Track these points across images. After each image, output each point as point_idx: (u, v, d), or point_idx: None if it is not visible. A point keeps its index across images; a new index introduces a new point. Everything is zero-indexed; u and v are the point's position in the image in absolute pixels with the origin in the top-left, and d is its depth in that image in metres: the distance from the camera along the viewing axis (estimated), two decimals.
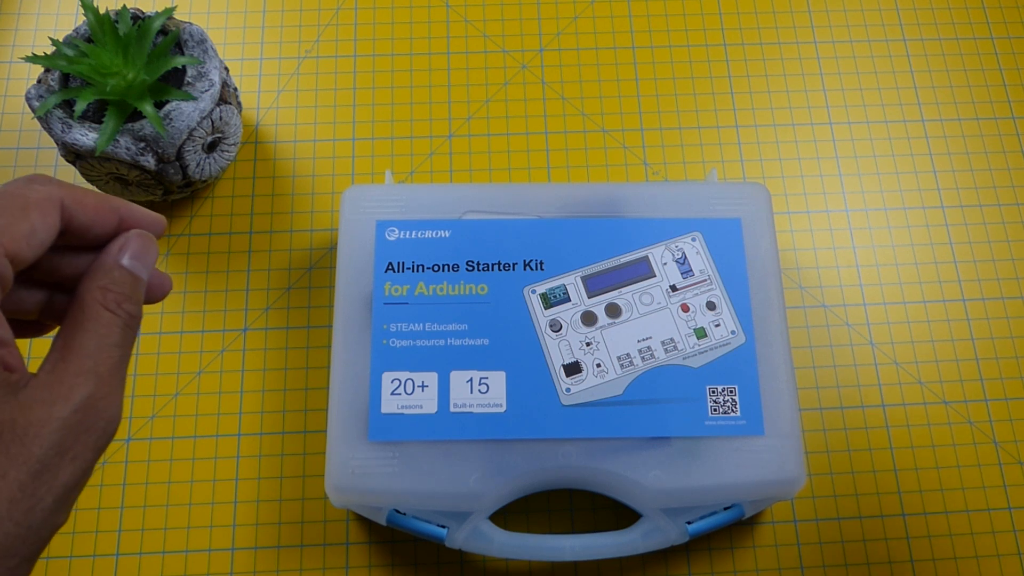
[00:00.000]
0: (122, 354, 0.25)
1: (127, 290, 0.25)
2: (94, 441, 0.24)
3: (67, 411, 0.23)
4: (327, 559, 0.45)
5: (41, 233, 0.24)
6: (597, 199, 0.46)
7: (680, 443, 0.41)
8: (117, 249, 0.26)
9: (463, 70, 0.56)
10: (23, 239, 0.23)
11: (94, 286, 0.25)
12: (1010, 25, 0.58)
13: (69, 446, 0.23)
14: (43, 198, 0.24)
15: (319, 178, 0.53)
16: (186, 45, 0.46)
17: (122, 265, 0.26)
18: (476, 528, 0.41)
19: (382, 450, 0.41)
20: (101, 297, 0.25)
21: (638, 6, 0.58)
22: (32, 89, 0.45)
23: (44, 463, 0.23)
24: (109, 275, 0.25)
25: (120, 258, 0.26)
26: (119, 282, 0.25)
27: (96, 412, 0.24)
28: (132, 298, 0.25)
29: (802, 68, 0.56)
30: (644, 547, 0.41)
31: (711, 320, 0.43)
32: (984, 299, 0.51)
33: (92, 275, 0.25)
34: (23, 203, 0.24)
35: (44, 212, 0.24)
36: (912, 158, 0.54)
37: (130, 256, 0.26)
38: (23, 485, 0.22)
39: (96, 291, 0.25)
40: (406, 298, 0.43)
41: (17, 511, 0.22)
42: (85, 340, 0.24)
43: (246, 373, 0.48)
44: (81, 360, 0.24)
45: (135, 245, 0.26)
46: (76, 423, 0.23)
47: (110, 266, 0.25)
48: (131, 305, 0.25)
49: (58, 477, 0.23)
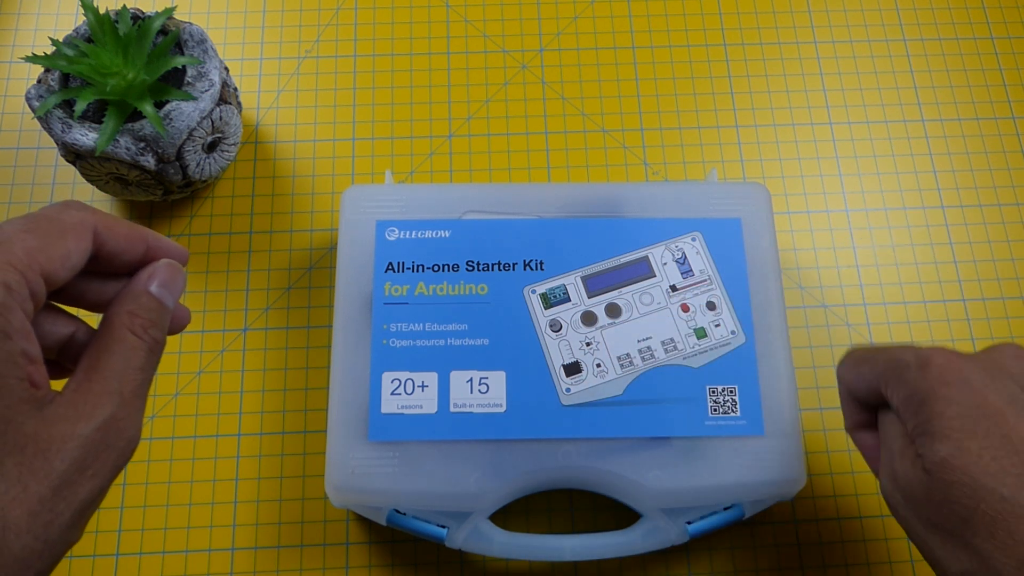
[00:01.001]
0: (145, 378, 0.26)
1: (154, 316, 0.26)
2: (113, 460, 0.24)
3: (89, 429, 0.24)
4: (327, 559, 0.45)
5: (75, 256, 0.25)
6: (597, 199, 0.46)
7: (680, 443, 0.41)
8: (146, 277, 0.27)
9: (463, 70, 0.56)
10: (58, 261, 0.24)
11: (123, 310, 0.26)
12: (1010, 25, 0.58)
13: (89, 463, 0.24)
14: (78, 223, 0.25)
15: (319, 178, 0.53)
16: (186, 45, 0.46)
17: (150, 292, 0.27)
18: (476, 528, 0.41)
19: (382, 450, 0.41)
20: (128, 321, 0.26)
21: (638, 6, 0.58)
22: (32, 89, 0.45)
23: (65, 478, 0.23)
24: (137, 301, 0.26)
25: (149, 285, 0.27)
26: (146, 308, 0.26)
27: (117, 432, 0.24)
28: (158, 324, 0.26)
29: (802, 68, 0.56)
30: (644, 547, 0.41)
31: (711, 320, 0.43)
32: (984, 299, 0.51)
33: (121, 300, 0.26)
34: (60, 227, 0.25)
35: (79, 236, 0.25)
36: (912, 158, 0.54)
37: (158, 284, 0.27)
38: (44, 499, 0.23)
39: (124, 315, 0.26)
40: (406, 298, 0.43)
41: (37, 524, 0.22)
42: (111, 362, 0.25)
43: (246, 373, 0.48)
44: (106, 381, 0.24)
45: (164, 274, 0.27)
46: (97, 441, 0.24)
47: (139, 292, 0.26)
48: (156, 331, 0.26)
49: (77, 493, 0.23)
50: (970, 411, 0.29)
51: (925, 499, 0.30)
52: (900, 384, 0.32)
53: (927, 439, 0.30)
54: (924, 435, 0.30)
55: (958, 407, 0.30)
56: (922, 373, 0.31)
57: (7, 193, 0.52)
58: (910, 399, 0.31)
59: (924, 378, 0.31)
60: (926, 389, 0.30)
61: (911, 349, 0.33)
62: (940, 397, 0.30)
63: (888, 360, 0.33)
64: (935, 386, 0.30)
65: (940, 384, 0.30)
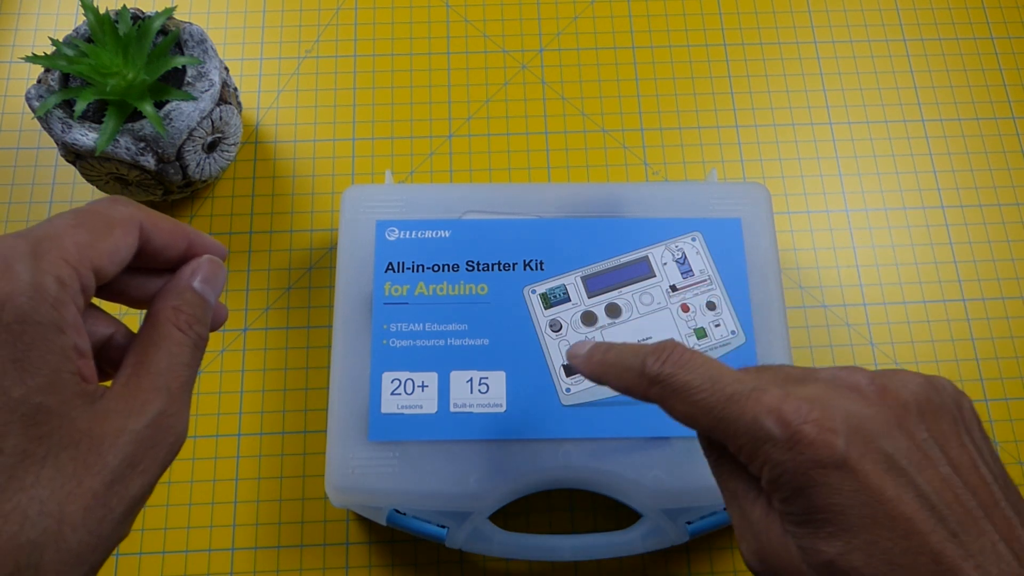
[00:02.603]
0: (191, 374, 0.26)
1: (197, 312, 0.27)
2: (163, 456, 0.25)
3: (141, 424, 0.24)
4: (327, 559, 0.45)
5: (123, 251, 0.25)
6: (597, 199, 0.46)
7: (680, 443, 0.41)
8: (190, 272, 0.27)
9: (463, 70, 0.56)
10: (107, 255, 0.25)
11: (167, 306, 0.26)
12: (1010, 25, 0.58)
13: (140, 459, 0.24)
14: (125, 218, 0.26)
15: (319, 178, 0.53)
16: (186, 45, 0.47)
17: (193, 288, 0.27)
18: (476, 528, 0.41)
19: (382, 450, 0.41)
20: (173, 317, 0.26)
21: (638, 6, 0.58)
22: (32, 89, 0.45)
23: (117, 474, 0.23)
24: (181, 296, 0.26)
25: (192, 281, 0.27)
26: (190, 303, 0.26)
27: (166, 427, 0.25)
28: (201, 320, 0.27)
29: (802, 68, 0.56)
30: (644, 547, 0.41)
31: (711, 320, 0.43)
32: (984, 299, 0.51)
33: (165, 296, 0.26)
34: (108, 221, 0.25)
35: (126, 231, 0.25)
36: (912, 158, 0.54)
37: (201, 280, 0.27)
38: (97, 494, 0.23)
39: (169, 311, 0.26)
40: (406, 298, 0.43)
41: (91, 520, 0.23)
42: (158, 357, 0.25)
43: (246, 373, 0.48)
44: (154, 376, 0.25)
45: (206, 270, 0.27)
46: (148, 437, 0.24)
47: (183, 288, 0.27)
48: (200, 326, 0.26)
49: (129, 489, 0.24)
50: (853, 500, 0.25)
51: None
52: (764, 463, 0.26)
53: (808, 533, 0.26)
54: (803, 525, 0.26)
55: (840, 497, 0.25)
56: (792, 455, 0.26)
57: (7, 193, 0.52)
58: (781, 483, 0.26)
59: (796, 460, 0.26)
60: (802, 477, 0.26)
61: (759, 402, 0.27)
62: (820, 485, 0.25)
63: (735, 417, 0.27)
64: (812, 473, 0.25)
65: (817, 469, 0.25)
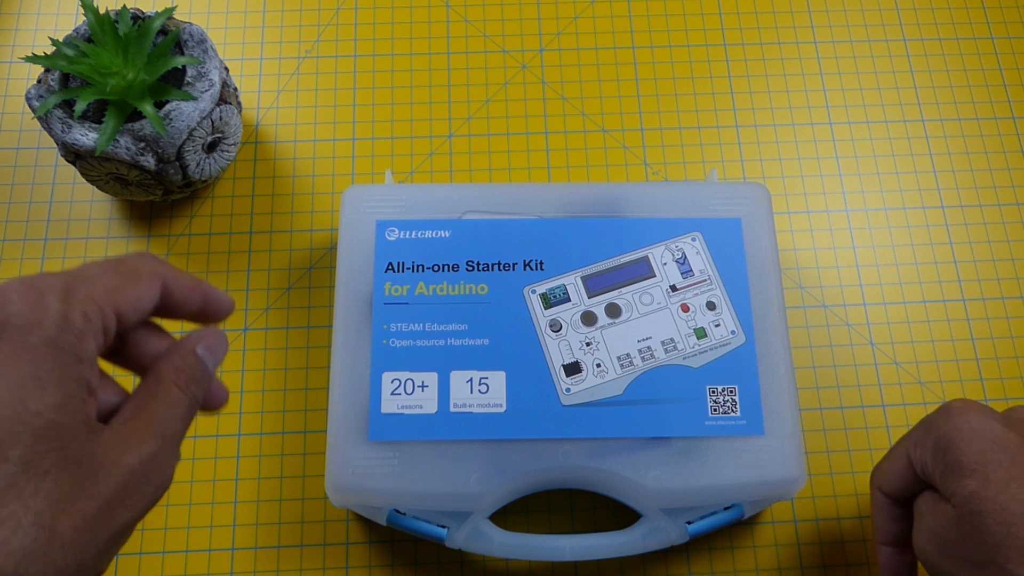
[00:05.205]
0: (182, 428, 0.28)
1: (197, 374, 0.29)
2: (149, 495, 0.26)
3: (135, 460, 0.25)
4: (327, 559, 0.45)
5: (145, 301, 0.28)
6: (597, 199, 0.46)
7: (680, 443, 0.41)
8: (195, 339, 0.29)
9: (463, 70, 0.56)
10: (131, 302, 0.27)
11: (170, 365, 0.28)
12: (1010, 25, 0.58)
13: (130, 493, 0.25)
14: (152, 272, 0.28)
15: (319, 178, 0.53)
16: (186, 45, 0.46)
17: (196, 353, 0.29)
18: (476, 528, 0.41)
19: (382, 450, 0.41)
20: (175, 375, 0.28)
21: (638, 6, 0.58)
22: (32, 89, 0.45)
23: (108, 502, 0.24)
24: (184, 359, 0.29)
25: (196, 346, 0.29)
26: (192, 366, 0.29)
27: (157, 469, 0.26)
28: (199, 382, 0.29)
29: (802, 68, 0.56)
30: (644, 547, 0.41)
31: (711, 320, 0.43)
32: (984, 299, 0.51)
33: (170, 356, 0.29)
34: (136, 272, 0.27)
35: (151, 284, 0.28)
36: (912, 158, 0.54)
37: (204, 347, 0.29)
38: (88, 517, 0.24)
39: (171, 370, 0.28)
40: (406, 298, 0.43)
41: (79, 541, 0.24)
42: (156, 407, 0.27)
43: (246, 373, 0.48)
44: (151, 422, 0.26)
45: (210, 339, 0.30)
46: (140, 473, 0.25)
47: (187, 351, 0.29)
48: (196, 388, 0.29)
49: (116, 519, 0.25)
50: (992, 445, 0.32)
51: (957, 537, 0.32)
52: (927, 434, 0.35)
53: (955, 477, 0.32)
54: (952, 474, 0.33)
55: (980, 442, 0.32)
56: (944, 418, 0.34)
57: (7, 193, 0.52)
58: (938, 444, 0.34)
59: (946, 421, 0.34)
60: (949, 431, 0.33)
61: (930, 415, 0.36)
62: (963, 435, 0.33)
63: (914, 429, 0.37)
64: (958, 425, 0.33)
65: (962, 423, 0.33)
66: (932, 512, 0.34)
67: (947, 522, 0.32)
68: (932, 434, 0.34)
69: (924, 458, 0.35)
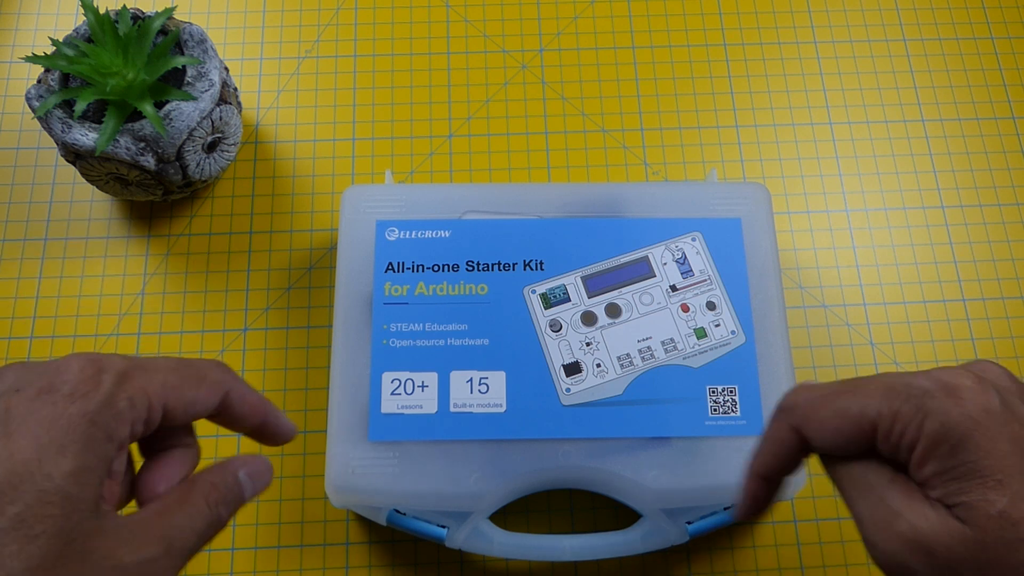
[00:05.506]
0: (197, 544, 0.27)
1: (230, 496, 0.28)
2: None
3: (131, 559, 0.25)
4: (327, 559, 0.45)
5: (199, 405, 0.28)
6: (597, 199, 0.46)
7: (680, 443, 0.41)
8: (241, 462, 0.29)
9: (463, 70, 0.56)
10: (184, 403, 0.27)
11: (207, 480, 0.28)
12: (1010, 25, 0.58)
13: None
14: (216, 381, 0.28)
15: (319, 178, 0.53)
16: (186, 45, 0.46)
17: (237, 476, 0.29)
18: (476, 528, 0.41)
19: (382, 450, 0.41)
20: (207, 490, 0.27)
21: (638, 6, 0.58)
22: (32, 89, 0.45)
23: None
24: (224, 478, 0.28)
25: (240, 470, 0.29)
26: (228, 486, 0.28)
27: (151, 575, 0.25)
28: (229, 505, 0.28)
29: (802, 68, 0.56)
30: (644, 547, 0.41)
31: (711, 320, 0.43)
32: (984, 299, 0.51)
33: (210, 470, 0.28)
34: (200, 377, 0.28)
35: (211, 392, 0.28)
36: (912, 158, 0.54)
37: (246, 472, 0.29)
38: None
39: (207, 484, 0.28)
40: (406, 298, 0.43)
41: None
42: (176, 515, 0.26)
43: (246, 373, 0.48)
44: (165, 528, 0.26)
45: (254, 467, 0.29)
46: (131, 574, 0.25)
47: (228, 472, 0.28)
48: (224, 509, 0.28)
49: None
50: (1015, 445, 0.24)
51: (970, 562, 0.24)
52: (917, 411, 0.25)
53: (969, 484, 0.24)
54: (963, 478, 0.25)
55: (1004, 441, 0.24)
56: (952, 400, 0.25)
57: (7, 193, 0.52)
58: (942, 434, 0.25)
59: (957, 405, 0.25)
60: (962, 420, 0.25)
61: (908, 375, 0.27)
62: (984, 431, 0.24)
63: (887, 388, 0.26)
64: (972, 414, 0.25)
65: (978, 412, 0.25)
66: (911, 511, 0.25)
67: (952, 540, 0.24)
68: (931, 416, 0.25)
69: (907, 438, 0.26)
